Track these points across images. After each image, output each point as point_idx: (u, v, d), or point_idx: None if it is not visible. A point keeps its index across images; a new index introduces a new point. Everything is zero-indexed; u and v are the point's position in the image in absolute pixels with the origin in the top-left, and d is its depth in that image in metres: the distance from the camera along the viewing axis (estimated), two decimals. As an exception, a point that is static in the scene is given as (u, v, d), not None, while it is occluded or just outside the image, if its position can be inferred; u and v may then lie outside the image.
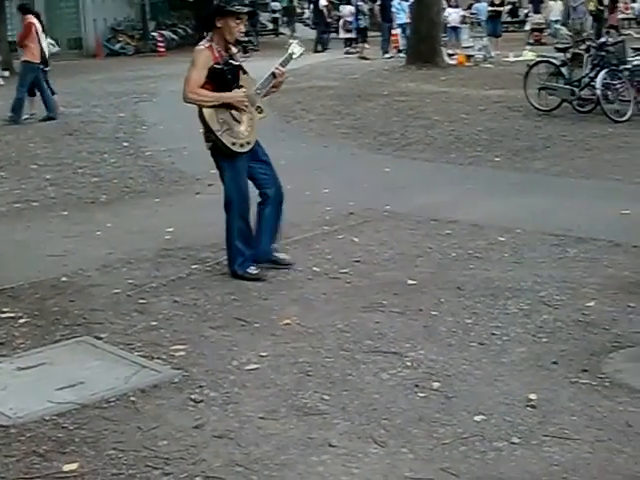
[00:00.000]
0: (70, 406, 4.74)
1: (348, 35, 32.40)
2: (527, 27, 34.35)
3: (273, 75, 6.95)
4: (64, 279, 7.03)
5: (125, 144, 13.84)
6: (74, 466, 4.15)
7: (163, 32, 36.08)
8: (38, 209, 9.70)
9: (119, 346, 5.58)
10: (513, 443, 4.25)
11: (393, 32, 29.92)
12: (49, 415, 4.65)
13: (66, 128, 15.57)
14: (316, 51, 31.50)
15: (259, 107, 6.93)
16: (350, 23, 32.27)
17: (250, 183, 7.00)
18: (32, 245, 8.11)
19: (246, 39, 7.23)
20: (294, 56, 7.19)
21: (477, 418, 4.50)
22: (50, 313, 6.26)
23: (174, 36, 36.90)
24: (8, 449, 4.34)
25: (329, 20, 34.73)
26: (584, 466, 4.04)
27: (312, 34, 34.89)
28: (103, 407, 4.74)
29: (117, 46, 35.40)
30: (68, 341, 5.73)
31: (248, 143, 6.80)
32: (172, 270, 7.17)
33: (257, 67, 8.07)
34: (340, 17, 33.95)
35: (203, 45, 6.70)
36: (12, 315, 6.23)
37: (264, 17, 44.34)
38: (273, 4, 47.70)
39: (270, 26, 46.24)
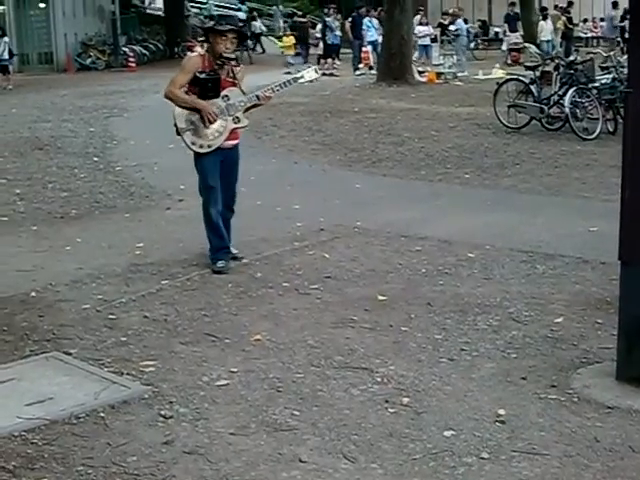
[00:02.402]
0: (39, 422, 4.71)
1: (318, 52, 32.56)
2: (504, 47, 32.68)
3: (257, 96, 7.55)
4: (33, 294, 6.99)
5: (95, 159, 13.78)
6: (43, 482, 4.13)
7: (134, 47, 36.01)
8: (7, 224, 9.64)
9: (88, 362, 5.55)
10: (482, 458, 4.27)
11: (364, 49, 30.07)
12: (18, 431, 4.61)
13: (36, 142, 15.49)
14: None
15: (237, 117, 7.49)
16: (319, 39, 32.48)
17: None
18: (1, 260, 8.05)
19: (232, 56, 7.63)
20: (300, 80, 7.78)
21: (447, 433, 4.52)
22: (19, 328, 6.21)
23: (145, 51, 36.83)
24: (-24, 465, 4.32)
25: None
26: (552, 481, 4.07)
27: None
28: (72, 423, 4.72)
29: (88, 61, 35.26)
30: (37, 357, 5.69)
31: (209, 146, 7.47)
32: (142, 285, 7.15)
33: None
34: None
35: (197, 52, 7.77)
36: (-20, 330, 6.19)
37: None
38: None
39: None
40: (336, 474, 4.16)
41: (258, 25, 43.57)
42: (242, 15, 38.27)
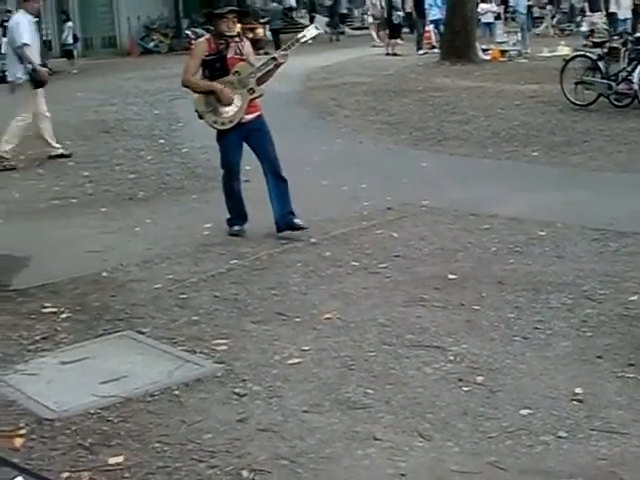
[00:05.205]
0: (114, 400, 4.76)
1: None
2: (584, 28, 28.68)
3: (273, 58, 7.86)
4: (104, 274, 7.06)
5: (161, 141, 13.89)
6: (120, 459, 4.15)
7: (196, 30, 36.11)
8: (76, 206, 9.76)
9: (161, 340, 5.60)
10: (560, 437, 4.21)
11: (426, 28, 29.80)
12: (94, 408, 4.67)
13: (102, 126, 15.65)
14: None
15: (251, 89, 7.83)
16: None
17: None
18: (72, 241, 8.15)
19: (235, 34, 7.75)
20: (303, 39, 7.96)
21: (523, 412, 4.46)
22: (92, 308, 6.29)
23: (207, 34, 36.94)
24: (53, 442, 4.36)
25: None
26: (632, 460, 3.99)
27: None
28: (147, 401, 4.75)
29: (151, 44, 35.54)
30: (110, 336, 5.75)
31: (231, 121, 7.85)
32: (211, 265, 7.18)
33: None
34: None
35: (203, 38, 8.35)
36: (54, 310, 6.26)
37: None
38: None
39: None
40: (411, 452, 4.13)
41: None
42: None
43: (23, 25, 12.14)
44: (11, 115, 12.24)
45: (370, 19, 35.61)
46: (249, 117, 7.88)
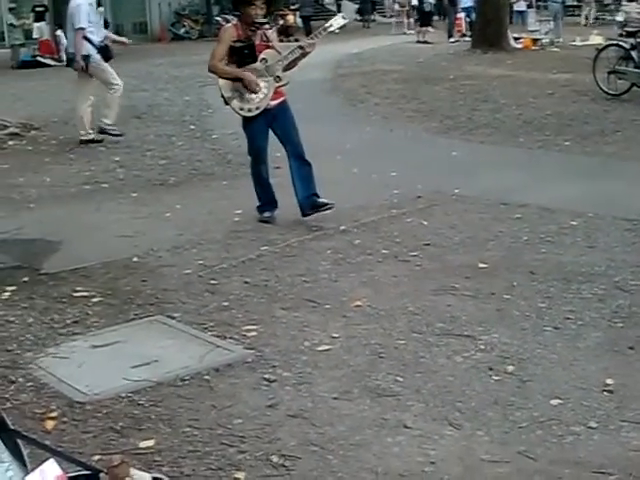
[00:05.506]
0: (145, 384, 4.78)
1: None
2: (619, 18, 26.01)
3: (300, 47, 7.87)
4: (135, 259, 7.09)
5: (192, 127, 13.92)
6: (150, 442, 4.18)
7: (227, 16, 36.09)
8: (107, 190, 9.79)
9: (192, 325, 5.62)
10: (591, 428, 4.19)
11: (457, 16, 29.68)
12: (125, 392, 4.70)
13: (133, 111, 15.67)
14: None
15: (278, 77, 7.82)
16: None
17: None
18: (102, 226, 8.19)
19: (264, 20, 7.82)
20: (330, 28, 8.02)
21: (553, 402, 4.45)
22: (123, 292, 6.32)
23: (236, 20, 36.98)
24: (85, 425, 4.40)
25: None
26: (664, 452, 3.97)
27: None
28: (178, 385, 4.78)
29: (181, 30, 35.61)
30: (141, 320, 5.78)
31: (257, 108, 7.84)
32: (242, 251, 7.20)
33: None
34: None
35: (230, 23, 8.27)
36: (85, 294, 6.30)
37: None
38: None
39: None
40: (442, 440, 4.12)
41: None
42: None
43: (83, 8, 12.19)
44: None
45: (396, 6, 35.52)
46: (273, 103, 7.89)
